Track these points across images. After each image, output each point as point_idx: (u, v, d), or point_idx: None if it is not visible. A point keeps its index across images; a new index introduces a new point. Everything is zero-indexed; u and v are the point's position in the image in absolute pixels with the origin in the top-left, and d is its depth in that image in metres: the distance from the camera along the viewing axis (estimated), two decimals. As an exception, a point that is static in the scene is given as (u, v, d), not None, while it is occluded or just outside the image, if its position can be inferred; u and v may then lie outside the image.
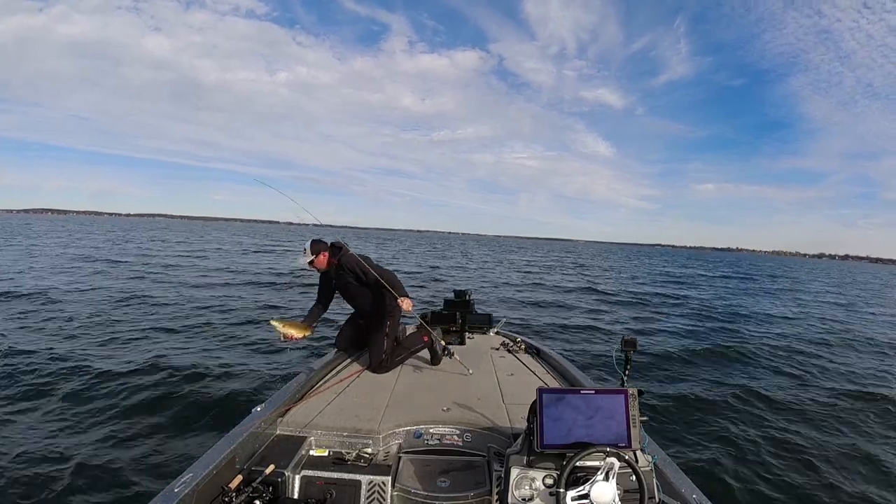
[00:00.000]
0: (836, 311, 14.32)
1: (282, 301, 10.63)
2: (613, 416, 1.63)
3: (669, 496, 1.71)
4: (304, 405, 2.52)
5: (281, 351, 6.51)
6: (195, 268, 16.61)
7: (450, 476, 2.08)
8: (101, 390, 4.60)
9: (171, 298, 9.97)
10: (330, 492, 1.94)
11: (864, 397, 5.13)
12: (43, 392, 4.49)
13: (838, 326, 11.08)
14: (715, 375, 5.86)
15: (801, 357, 7.08)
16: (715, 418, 4.35)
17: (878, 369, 6.73)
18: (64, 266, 14.88)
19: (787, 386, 5.52)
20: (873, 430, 4.22)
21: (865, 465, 3.53)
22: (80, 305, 8.79)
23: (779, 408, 4.66)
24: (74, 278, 12.26)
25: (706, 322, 10.28)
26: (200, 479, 1.65)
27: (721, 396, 4.94)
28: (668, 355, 6.72)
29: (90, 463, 3.23)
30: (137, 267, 15.73)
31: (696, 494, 1.72)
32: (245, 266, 18.00)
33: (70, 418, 3.95)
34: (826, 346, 8.39)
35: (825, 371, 6.38)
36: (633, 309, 12.03)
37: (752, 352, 7.16)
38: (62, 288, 10.47)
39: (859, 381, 5.89)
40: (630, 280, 21.56)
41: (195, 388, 4.73)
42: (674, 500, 1.71)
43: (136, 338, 6.80)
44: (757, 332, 9.46)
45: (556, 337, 7.94)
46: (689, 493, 1.73)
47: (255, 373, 5.37)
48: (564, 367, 3.27)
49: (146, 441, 3.59)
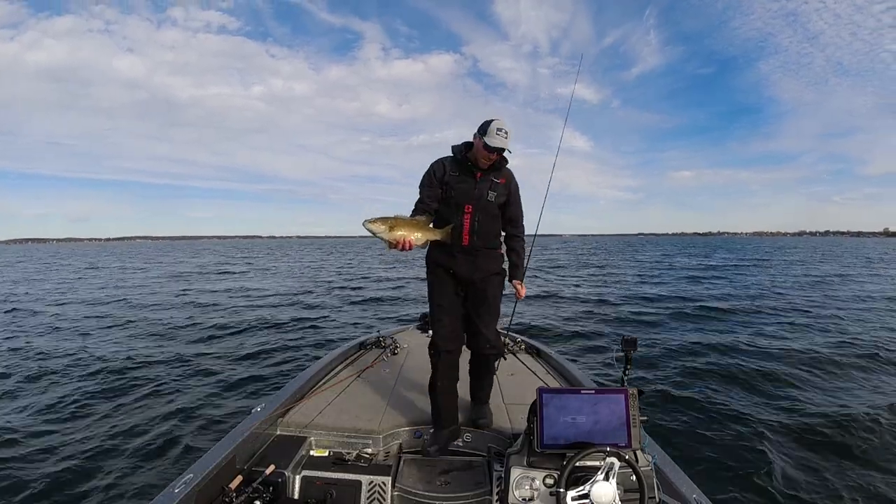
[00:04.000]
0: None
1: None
2: (613, 416, 1.63)
3: (669, 496, 1.71)
4: (304, 405, 2.51)
5: (281, 351, 6.52)
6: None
7: (450, 476, 2.08)
8: (101, 390, 4.60)
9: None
10: (330, 492, 1.94)
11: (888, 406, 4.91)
12: (41, 393, 4.49)
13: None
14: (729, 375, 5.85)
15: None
16: (716, 418, 4.34)
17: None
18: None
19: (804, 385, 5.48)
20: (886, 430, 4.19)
21: (872, 465, 3.52)
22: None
23: (780, 408, 4.66)
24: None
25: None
26: (200, 480, 1.65)
27: (722, 396, 4.94)
28: (673, 356, 6.72)
29: (90, 463, 3.23)
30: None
31: (696, 494, 1.72)
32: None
33: (69, 419, 3.95)
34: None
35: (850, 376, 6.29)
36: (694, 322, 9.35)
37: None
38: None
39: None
40: (655, 280, 17.97)
41: (195, 389, 4.73)
42: (674, 500, 1.71)
43: (136, 339, 6.80)
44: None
45: (555, 337, 7.93)
46: (689, 493, 1.73)
47: (255, 373, 5.37)
48: (564, 367, 3.27)
49: (146, 441, 3.59)
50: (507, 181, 2.31)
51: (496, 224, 2.34)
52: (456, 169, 2.27)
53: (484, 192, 2.25)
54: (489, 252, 2.32)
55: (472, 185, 2.24)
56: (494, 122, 2.13)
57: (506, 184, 2.31)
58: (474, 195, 2.24)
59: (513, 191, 2.35)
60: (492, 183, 2.27)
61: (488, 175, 2.27)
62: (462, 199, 2.23)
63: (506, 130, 2.15)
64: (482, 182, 2.26)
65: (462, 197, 2.23)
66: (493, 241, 2.34)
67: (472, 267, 2.27)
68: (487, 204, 2.26)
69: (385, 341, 3.74)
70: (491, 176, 2.27)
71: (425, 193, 2.27)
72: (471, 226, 2.23)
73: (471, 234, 2.24)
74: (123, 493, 2.91)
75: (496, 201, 2.28)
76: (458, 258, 2.24)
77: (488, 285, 2.31)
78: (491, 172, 2.27)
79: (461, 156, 2.27)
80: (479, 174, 2.25)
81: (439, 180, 2.26)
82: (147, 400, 4.40)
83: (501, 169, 2.30)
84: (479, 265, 2.28)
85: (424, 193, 2.27)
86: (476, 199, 2.24)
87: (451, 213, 2.25)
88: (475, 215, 2.24)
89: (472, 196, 2.23)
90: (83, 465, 3.19)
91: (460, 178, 2.25)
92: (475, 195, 2.24)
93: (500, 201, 2.30)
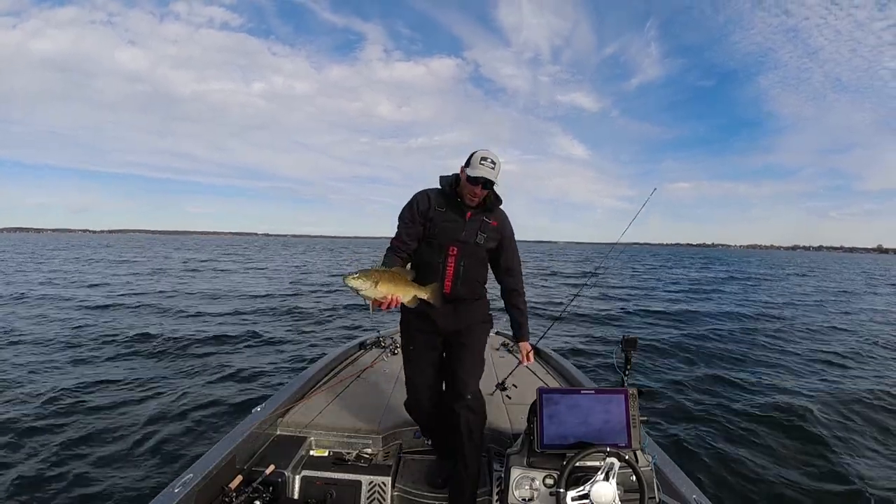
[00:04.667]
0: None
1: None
2: (613, 416, 1.64)
3: (669, 496, 1.72)
4: (304, 405, 2.51)
5: (280, 350, 6.52)
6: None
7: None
8: (99, 392, 4.60)
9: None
10: (330, 492, 1.94)
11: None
12: (40, 394, 4.49)
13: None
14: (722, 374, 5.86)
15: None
16: (715, 418, 4.35)
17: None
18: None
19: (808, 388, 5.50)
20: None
21: (872, 467, 3.52)
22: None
23: (782, 408, 4.66)
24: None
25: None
26: (200, 480, 1.65)
27: (722, 396, 4.94)
28: (673, 356, 6.72)
29: (90, 464, 3.23)
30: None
31: (696, 494, 1.73)
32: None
33: (68, 419, 3.95)
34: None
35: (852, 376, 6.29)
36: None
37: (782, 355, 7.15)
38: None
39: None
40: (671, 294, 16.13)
41: (195, 389, 4.73)
42: (674, 500, 1.71)
43: (134, 340, 6.81)
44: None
45: (556, 337, 7.94)
46: (689, 493, 1.73)
47: (255, 373, 5.37)
48: (564, 367, 3.27)
49: (146, 442, 3.59)
50: (499, 224, 2.01)
51: (483, 271, 2.04)
52: (443, 204, 1.95)
53: (473, 233, 1.94)
54: (474, 302, 2.03)
55: (460, 225, 1.93)
56: (479, 151, 1.89)
57: (498, 227, 2.00)
58: (461, 236, 1.93)
59: (506, 236, 2.04)
60: (482, 224, 1.97)
61: (479, 215, 1.97)
62: (446, 240, 1.93)
63: (492, 160, 1.86)
64: (472, 222, 1.95)
65: (447, 237, 1.93)
66: (480, 290, 2.06)
67: (455, 318, 1.98)
68: (476, 248, 1.95)
69: (385, 341, 3.74)
70: (483, 216, 1.98)
71: (405, 231, 1.97)
72: (455, 271, 1.93)
73: (454, 280, 1.93)
74: (123, 493, 2.91)
75: (485, 245, 1.98)
76: (438, 307, 1.90)
77: (472, 333, 2.02)
78: (483, 213, 1.98)
79: (449, 189, 1.95)
80: (468, 213, 1.95)
81: (423, 215, 1.95)
82: (147, 400, 4.40)
83: (494, 210, 2.00)
84: (463, 316, 1.99)
85: (404, 231, 1.97)
86: (463, 240, 1.93)
87: (433, 254, 1.95)
88: (461, 259, 1.93)
89: (458, 237, 1.93)
90: (83, 466, 3.18)
91: (447, 214, 1.94)
92: (462, 236, 1.93)
93: (489, 246, 1.99)
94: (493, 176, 1.86)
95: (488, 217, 1.99)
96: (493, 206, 2.00)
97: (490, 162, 1.86)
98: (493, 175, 1.87)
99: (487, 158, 1.86)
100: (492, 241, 2.00)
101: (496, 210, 2.02)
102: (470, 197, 1.91)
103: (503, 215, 2.05)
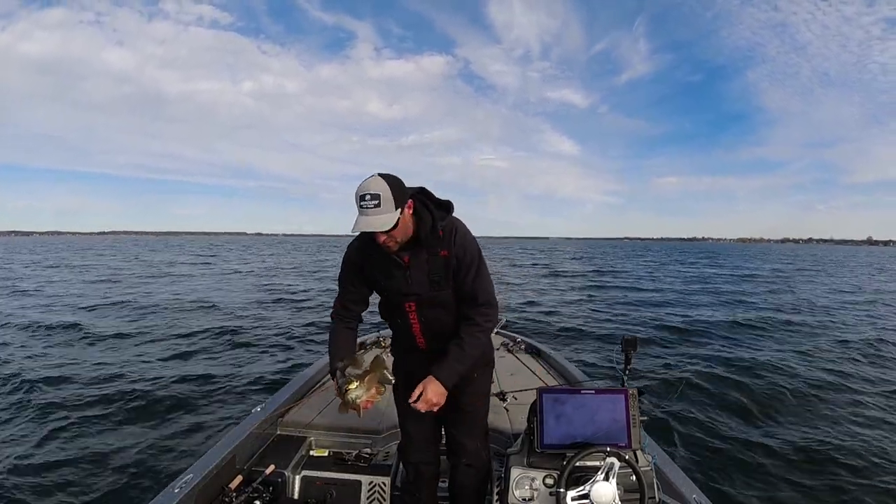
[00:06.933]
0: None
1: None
2: (613, 416, 1.63)
3: (669, 496, 1.71)
4: (304, 405, 2.51)
5: (279, 351, 6.52)
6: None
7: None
8: (98, 392, 4.60)
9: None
10: (330, 492, 1.94)
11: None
12: (39, 394, 4.49)
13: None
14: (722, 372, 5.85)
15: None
16: (716, 418, 4.34)
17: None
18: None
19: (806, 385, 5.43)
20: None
21: (879, 465, 3.50)
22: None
23: (783, 408, 4.65)
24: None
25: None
26: (200, 480, 1.65)
27: (722, 397, 4.93)
28: (673, 357, 6.72)
29: (90, 464, 3.23)
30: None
31: (696, 494, 1.72)
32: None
33: (68, 420, 3.95)
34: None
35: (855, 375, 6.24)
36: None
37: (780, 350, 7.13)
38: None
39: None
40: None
41: (195, 389, 4.73)
42: (674, 500, 1.71)
43: (134, 343, 6.80)
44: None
45: (555, 337, 7.93)
46: (689, 493, 1.73)
47: (255, 373, 5.37)
48: (564, 367, 3.26)
49: (145, 442, 3.59)
50: (451, 251, 1.50)
51: (455, 314, 1.60)
52: (374, 251, 1.51)
53: (420, 282, 1.53)
54: None
55: (401, 276, 1.53)
56: (361, 185, 1.37)
57: (449, 256, 1.50)
58: (410, 289, 1.54)
59: (462, 258, 1.52)
60: (429, 263, 1.51)
61: (420, 254, 1.50)
62: (396, 297, 1.59)
63: (371, 194, 1.33)
64: (414, 268, 1.51)
65: (395, 293, 1.58)
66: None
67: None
68: (432, 296, 1.55)
69: (385, 341, 3.73)
70: (424, 254, 1.50)
71: (347, 297, 1.65)
72: (421, 327, 1.61)
73: (424, 335, 1.62)
74: (123, 494, 2.91)
75: (442, 289, 1.55)
76: (416, 363, 1.64)
77: (470, 385, 1.69)
78: (423, 248, 1.50)
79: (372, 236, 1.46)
80: (405, 257, 1.50)
81: (359, 275, 1.62)
82: (147, 400, 4.40)
83: (439, 235, 1.49)
84: None
85: (347, 297, 1.65)
86: (414, 292, 1.55)
87: (392, 315, 1.66)
88: (420, 313, 1.58)
89: (407, 290, 1.55)
90: (82, 466, 3.18)
91: (382, 265, 1.54)
92: (411, 289, 1.54)
93: (447, 288, 1.55)
94: (378, 223, 1.35)
95: (433, 250, 1.50)
96: (430, 239, 1.49)
97: (369, 198, 1.33)
98: (381, 218, 1.35)
99: (367, 194, 1.34)
100: (447, 280, 1.54)
101: (444, 232, 1.49)
102: (385, 247, 1.45)
103: (455, 235, 1.51)
